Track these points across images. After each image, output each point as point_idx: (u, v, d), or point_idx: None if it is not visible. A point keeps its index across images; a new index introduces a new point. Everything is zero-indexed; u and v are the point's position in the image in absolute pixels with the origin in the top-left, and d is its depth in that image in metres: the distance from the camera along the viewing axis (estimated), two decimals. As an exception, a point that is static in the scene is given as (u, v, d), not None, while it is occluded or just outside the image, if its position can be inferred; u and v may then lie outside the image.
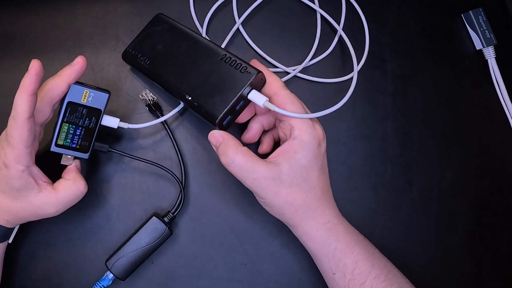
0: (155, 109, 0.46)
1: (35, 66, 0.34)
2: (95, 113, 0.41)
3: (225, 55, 0.41)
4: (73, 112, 0.40)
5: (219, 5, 0.50)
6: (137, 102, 0.48)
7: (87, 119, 0.41)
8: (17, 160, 0.36)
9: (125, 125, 0.43)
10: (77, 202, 0.41)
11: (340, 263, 0.40)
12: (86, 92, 0.40)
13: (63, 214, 0.45)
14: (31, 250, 0.45)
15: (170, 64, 0.44)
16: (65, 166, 0.42)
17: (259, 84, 0.40)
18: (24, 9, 0.49)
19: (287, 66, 0.49)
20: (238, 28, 0.50)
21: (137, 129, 0.47)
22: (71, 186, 0.40)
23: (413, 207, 0.49)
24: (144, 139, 0.47)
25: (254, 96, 0.39)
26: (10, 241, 0.41)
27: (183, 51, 0.44)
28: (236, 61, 0.40)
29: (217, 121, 0.39)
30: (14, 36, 0.48)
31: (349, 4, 0.51)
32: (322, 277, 0.44)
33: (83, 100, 0.40)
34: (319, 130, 0.39)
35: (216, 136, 0.39)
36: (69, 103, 0.39)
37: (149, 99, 0.46)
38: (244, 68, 0.40)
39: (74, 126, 0.40)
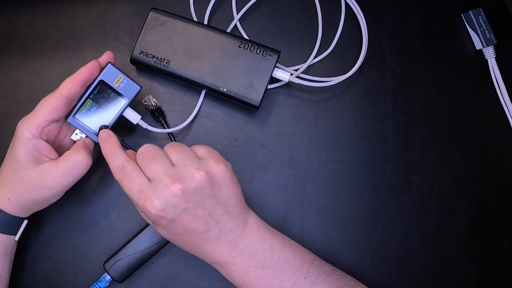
0: (158, 115, 0.46)
1: (93, 63, 0.39)
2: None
3: (242, 42, 0.45)
4: (101, 92, 0.40)
5: (219, 4, 0.50)
6: (138, 105, 0.47)
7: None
8: (27, 126, 0.37)
9: (144, 124, 0.43)
10: (80, 179, 0.40)
11: None
12: (121, 77, 0.40)
13: (63, 214, 0.45)
14: (30, 249, 0.45)
15: (191, 61, 0.45)
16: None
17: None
18: (24, 9, 0.49)
19: (287, 66, 0.49)
20: (236, 27, 0.50)
21: (150, 131, 0.46)
22: (70, 156, 0.39)
23: (413, 207, 0.49)
24: (147, 140, 0.47)
25: (279, 74, 0.46)
26: (16, 238, 0.41)
27: (200, 45, 0.45)
28: (255, 47, 0.45)
29: (259, 105, 0.45)
30: (14, 36, 0.48)
31: (348, 4, 0.51)
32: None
33: (115, 84, 0.40)
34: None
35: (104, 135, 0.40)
36: (101, 81, 0.39)
37: (152, 105, 0.46)
38: (265, 51, 0.45)
39: (97, 106, 0.40)
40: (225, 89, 0.45)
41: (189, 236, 0.37)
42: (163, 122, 0.46)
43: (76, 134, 0.41)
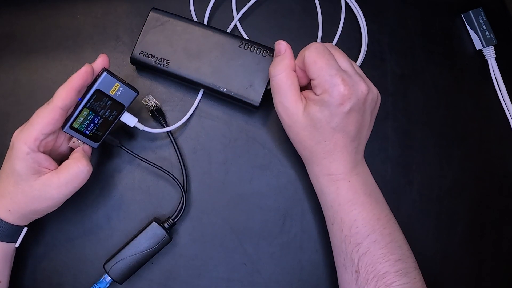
0: (158, 115, 0.46)
1: (86, 69, 0.38)
2: (118, 108, 0.41)
3: (242, 42, 0.45)
4: (98, 101, 0.40)
5: (219, 4, 0.50)
6: (137, 104, 0.47)
7: (109, 111, 0.40)
8: (25, 140, 0.37)
9: (140, 126, 0.43)
10: (81, 188, 0.40)
11: (337, 215, 0.40)
12: (117, 85, 0.40)
13: (63, 214, 0.45)
14: (31, 250, 0.45)
15: (191, 61, 0.45)
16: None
17: None
18: (24, 9, 0.49)
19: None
20: (236, 27, 0.50)
21: (147, 132, 0.46)
22: (71, 165, 0.39)
23: (413, 207, 0.49)
24: (147, 141, 0.47)
25: None
26: (17, 245, 0.41)
27: (200, 45, 0.45)
28: (255, 47, 0.45)
29: (259, 105, 0.45)
30: (14, 36, 0.48)
31: (348, 4, 0.51)
32: (323, 278, 0.44)
33: (111, 92, 0.40)
34: (344, 90, 0.37)
35: (280, 47, 0.41)
36: (97, 90, 0.39)
37: (152, 105, 0.46)
38: (265, 52, 0.45)
39: (93, 114, 0.40)
40: (225, 89, 0.45)
41: (338, 136, 0.39)
42: (163, 122, 0.46)
43: (74, 141, 0.41)
